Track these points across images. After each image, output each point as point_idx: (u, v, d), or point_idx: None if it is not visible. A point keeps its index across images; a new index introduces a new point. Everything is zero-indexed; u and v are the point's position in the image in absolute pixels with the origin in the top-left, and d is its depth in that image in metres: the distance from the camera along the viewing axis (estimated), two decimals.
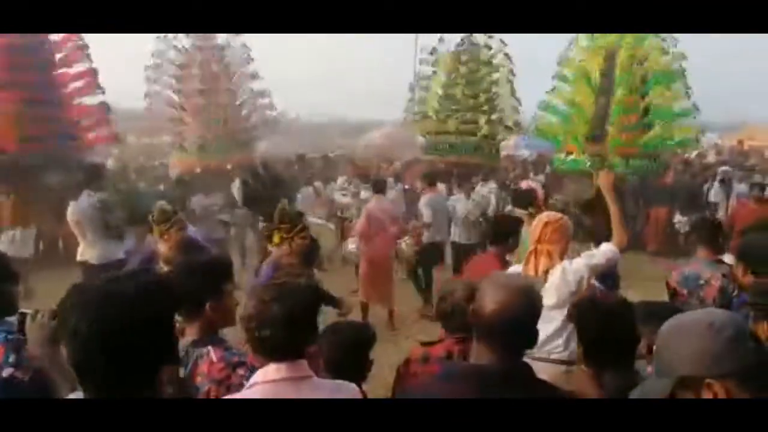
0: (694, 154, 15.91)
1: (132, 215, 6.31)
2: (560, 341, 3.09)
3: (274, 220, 3.95)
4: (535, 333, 1.68)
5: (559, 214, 3.48)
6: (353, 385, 1.97)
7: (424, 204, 7.73)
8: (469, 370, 1.67)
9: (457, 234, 8.11)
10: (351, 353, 2.44)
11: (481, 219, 8.10)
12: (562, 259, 3.26)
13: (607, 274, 4.71)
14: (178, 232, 4.48)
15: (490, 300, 1.63)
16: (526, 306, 1.64)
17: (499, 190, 9.35)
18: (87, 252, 5.97)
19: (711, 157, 17.11)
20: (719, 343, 1.31)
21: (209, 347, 2.11)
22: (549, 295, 3.06)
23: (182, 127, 12.04)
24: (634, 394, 1.52)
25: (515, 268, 3.50)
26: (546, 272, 3.23)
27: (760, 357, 1.31)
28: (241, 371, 1.97)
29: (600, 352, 2.19)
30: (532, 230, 3.40)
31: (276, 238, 3.93)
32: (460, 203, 8.20)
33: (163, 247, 4.35)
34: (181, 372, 2.04)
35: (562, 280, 3.18)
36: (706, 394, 1.30)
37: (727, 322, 1.35)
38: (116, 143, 11.51)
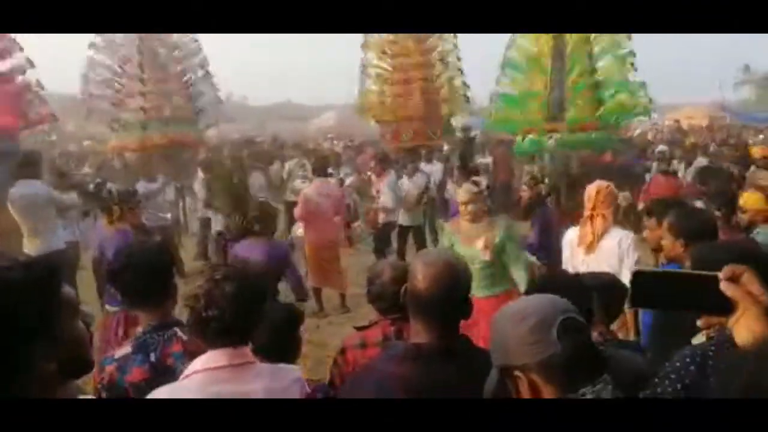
0: (636, 132, 16.43)
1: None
2: None
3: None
4: (469, 304, 1.71)
5: (606, 182, 4.00)
6: (296, 368, 1.95)
7: (387, 187, 7.78)
8: (412, 350, 1.67)
9: (400, 216, 8.15)
10: (278, 335, 2.39)
11: (425, 199, 8.18)
12: (614, 220, 3.83)
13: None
14: (139, 211, 4.53)
15: (421, 278, 1.66)
16: (456, 279, 1.68)
17: (445, 169, 9.52)
18: (27, 243, 5.70)
19: (650, 136, 17.75)
20: (520, 332, 1.28)
21: (174, 328, 2.13)
22: (605, 252, 3.64)
23: (124, 104, 11.57)
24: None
25: (572, 231, 3.96)
26: (602, 233, 3.72)
27: (570, 348, 1.25)
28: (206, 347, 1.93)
29: None
30: (586, 199, 3.89)
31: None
32: (404, 185, 8.29)
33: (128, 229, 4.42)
34: (152, 357, 2.05)
35: (617, 245, 3.65)
36: (521, 387, 1.28)
37: (534, 310, 1.30)
38: (50, 123, 10.75)
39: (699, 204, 4.44)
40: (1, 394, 1.09)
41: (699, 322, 1.20)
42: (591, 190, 3.88)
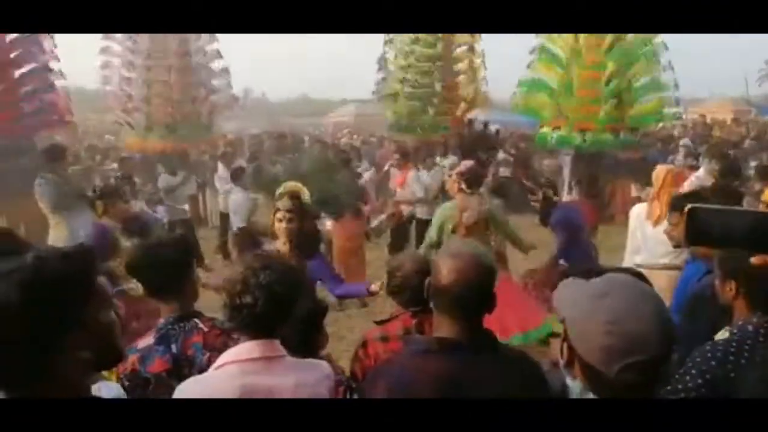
0: (658, 126, 16.16)
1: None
2: (675, 253, 3.95)
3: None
4: (494, 297, 1.69)
5: (672, 166, 4.69)
6: (326, 364, 1.95)
7: (414, 180, 7.82)
8: (436, 344, 1.67)
9: (418, 210, 8.11)
10: (302, 327, 2.37)
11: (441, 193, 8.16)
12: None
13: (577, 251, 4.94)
14: (124, 205, 4.47)
15: (446, 271, 1.64)
16: (482, 272, 1.66)
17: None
18: (52, 235, 5.79)
19: (674, 130, 17.45)
20: (597, 337, 1.17)
21: (195, 320, 2.16)
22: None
23: (138, 106, 11.64)
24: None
25: (639, 206, 4.53)
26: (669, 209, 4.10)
27: (620, 382, 1.16)
28: (236, 335, 1.95)
29: None
30: (654, 179, 4.39)
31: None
32: (423, 178, 8.25)
33: (108, 223, 4.35)
34: (173, 348, 2.07)
35: None
36: (563, 349, 1.24)
37: (621, 333, 1.16)
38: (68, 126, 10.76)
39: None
40: (36, 383, 1.10)
41: (753, 260, 1.16)
42: (660, 172, 4.41)
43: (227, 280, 1.76)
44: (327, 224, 7.18)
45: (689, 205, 1.16)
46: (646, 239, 4.36)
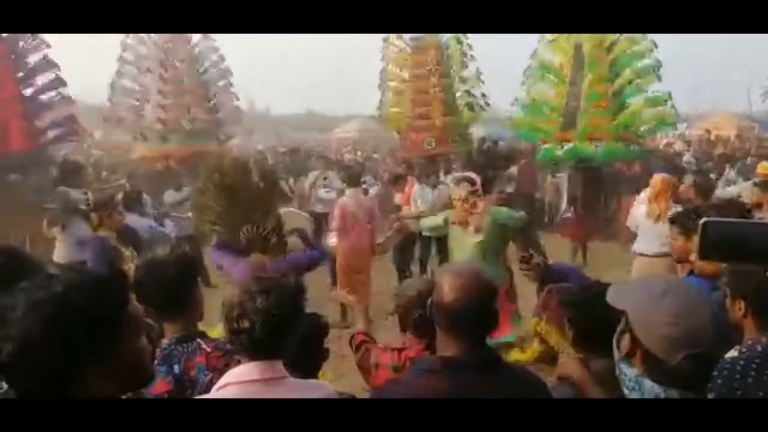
0: (662, 143, 16.13)
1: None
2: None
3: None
4: (496, 315, 1.70)
5: (667, 174, 5.67)
6: (328, 385, 1.95)
7: (418, 193, 7.90)
8: (439, 363, 1.66)
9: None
10: (304, 344, 2.38)
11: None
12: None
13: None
14: (118, 216, 4.48)
15: (447, 289, 1.65)
16: (482, 290, 1.66)
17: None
18: (57, 250, 5.80)
19: (678, 146, 17.44)
20: (661, 327, 1.26)
21: (198, 340, 2.13)
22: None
23: (144, 114, 11.71)
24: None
25: (642, 206, 5.40)
26: (665, 209, 5.06)
27: (682, 371, 1.23)
28: (238, 356, 1.94)
29: (591, 337, 2.20)
30: (651, 185, 5.38)
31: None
32: (426, 194, 8.25)
33: (105, 235, 4.39)
34: (175, 369, 2.05)
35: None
36: (622, 340, 1.33)
37: (687, 325, 1.25)
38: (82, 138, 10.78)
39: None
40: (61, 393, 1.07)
41: None
42: (656, 179, 5.40)
43: (225, 304, 1.76)
44: (332, 241, 7.17)
45: (704, 219, 1.18)
46: (645, 233, 5.24)
